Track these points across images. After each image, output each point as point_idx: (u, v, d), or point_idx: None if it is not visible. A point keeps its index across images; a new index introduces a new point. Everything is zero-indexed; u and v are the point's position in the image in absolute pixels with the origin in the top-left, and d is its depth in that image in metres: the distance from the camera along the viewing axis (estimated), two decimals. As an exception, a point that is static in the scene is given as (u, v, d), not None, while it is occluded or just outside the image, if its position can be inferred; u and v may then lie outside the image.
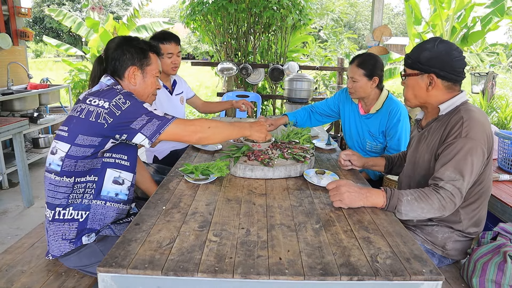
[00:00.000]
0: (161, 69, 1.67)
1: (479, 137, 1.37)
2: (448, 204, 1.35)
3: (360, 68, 2.17)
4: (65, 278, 1.42)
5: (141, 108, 1.39)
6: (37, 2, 29.09)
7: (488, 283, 1.32)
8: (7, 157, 3.92)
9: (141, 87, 1.58)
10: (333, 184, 1.45)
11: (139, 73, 1.56)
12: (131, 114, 1.36)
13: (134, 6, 7.25)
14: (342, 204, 1.40)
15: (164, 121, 1.39)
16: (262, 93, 5.64)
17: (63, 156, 1.37)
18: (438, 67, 1.44)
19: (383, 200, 1.39)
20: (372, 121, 2.29)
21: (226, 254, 1.07)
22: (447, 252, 1.53)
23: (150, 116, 1.38)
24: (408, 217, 1.38)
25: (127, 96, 1.39)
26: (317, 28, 10.71)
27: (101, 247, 1.44)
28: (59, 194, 1.40)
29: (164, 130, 1.39)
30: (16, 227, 2.96)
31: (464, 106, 1.46)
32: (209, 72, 11.59)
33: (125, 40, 1.58)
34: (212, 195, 1.51)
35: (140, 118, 1.36)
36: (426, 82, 1.48)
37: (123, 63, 1.54)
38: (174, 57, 2.47)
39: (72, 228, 1.42)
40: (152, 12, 41.90)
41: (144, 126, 1.37)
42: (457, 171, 1.35)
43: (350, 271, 1.00)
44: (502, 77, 11.96)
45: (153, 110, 1.41)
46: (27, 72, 4.72)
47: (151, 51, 1.61)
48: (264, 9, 5.06)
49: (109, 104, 1.35)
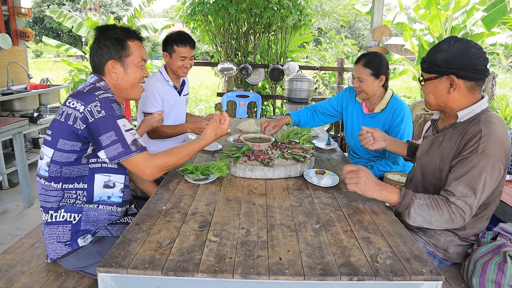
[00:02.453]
0: (146, 56, 1.55)
1: (496, 153, 1.31)
2: (457, 219, 1.33)
3: (366, 67, 2.16)
4: (65, 278, 1.42)
5: (113, 124, 1.31)
6: (37, 2, 29.09)
7: (488, 283, 1.32)
8: (7, 157, 3.92)
9: (124, 80, 1.49)
10: (351, 167, 1.42)
11: (119, 66, 1.46)
12: (102, 127, 1.29)
13: (135, 7, 7.25)
14: (357, 188, 1.38)
15: (127, 151, 1.32)
16: (262, 93, 5.65)
17: (48, 162, 1.36)
18: (457, 67, 1.36)
19: (396, 197, 1.37)
20: (376, 120, 2.29)
21: (226, 254, 1.07)
22: (449, 255, 1.52)
23: (118, 136, 1.31)
24: (415, 222, 1.36)
25: (104, 105, 1.31)
26: (316, 29, 10.74)
27: (98, 248, 1.43)
28: (51, 198, 1.40)
29: (124, 160, 1.34)
30: (16, 227, 2.95)
31: (485, 115, 1.39)
32: (209, 72, 11.60)
33: (100, 31, 1.46)
34: (212, 195, 1.51)
35: (108, 134, 1.30)
36: (446, 85, 1.40)
37: (100, 57, 1.44)
38: (186, 60, 2.42)
39: (65, 231, 1.41)
40: (152, 12, 41.91)
41: (108, 146, 1.31)
42: (469, 187, 1.31)
43: (350, 271, 1.00)
44: (502, 77, 11.96)
45: (124, 130, 1.33)
46: (27, 72, 4.72)
47: (129, 39, 1.47)
48: (265, 9, 5.06)
49: (84, 109, 1.30)
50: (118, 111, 1.34)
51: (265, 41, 5.63)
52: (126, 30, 1.48)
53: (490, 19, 5.54)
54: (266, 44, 5.64)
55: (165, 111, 2.43)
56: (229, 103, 5.05)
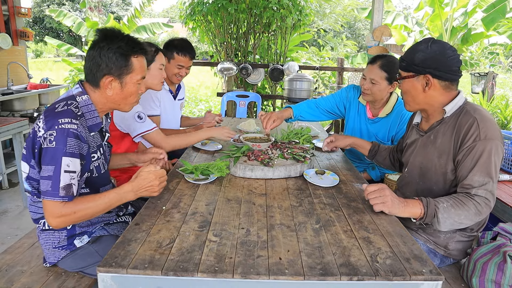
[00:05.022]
0: (146, 73, 1.44)
1: (496, 135, 1.37)
2: (484, 209, 1.34)
3: (383, 70, 2.04)
4: (65, 278, 1.42)
5: (58, 160, 1.19)
6: (37, 2, 29.09)
7: (488, 283, 1.32)
8: (7, 157, 3.92)
9: (119, 97, 1.38)
10: (374, 187, 1.37)
11: (117, 83, 1.35)
12: (46, 157, 1.21)
13: (135, 6, 7.25)
14: (384, 207, 1.33)
15: (53, 193, 1.19)
16: (262, 93, 5.65)
17: (25, 177, 1.34)
18: (433, 67, 1.42)
19: (420, 208, 1.36)
20: (381, 125, 2.21)
21: (226, 254, 1.07)
22: (449, 252, 1.53)
23: (54, 174, 1.19)
24: (445, 226, 1.35)
25: (58, 137, 1.20)
26: (316, 30, 10.75)
27: (96, 248, 1.43)
28: (39, 209, 1.38)
29: (43, 199, 1.21)
30: (16, 227, 2.95)
31: (469, 105, 1.45)
32: (209, 72, 11.60)
33: (105, 37, 1.32)
34: (212, 195, 1.51)
35: (48, 168, 1.20)
36: (422, 83, 1.47)
37: (98, 69, 1.31)
38: (183, 69, 2.42)
39: (61, 236, 1.40)
40: (152, 12, 41.87)
41: (43, 178, 1.21)
42: (484, 174, 1.34)
43: (350, 271, 1.00)
44: (502, 77, 11.96)
45: (63, 171, 1.20)
46: (27, 72, 4.72)
47: (133, 55, 1.35)
48: (264, 9, 5.06)
49: (43, 133, 1.22)
50: (71, 148, 1.22)
51: (265, 41, 5.63)
52: (132, 43, 1.34)
53: (489, 19, 5.55)
54: (265, 44, 5.64)
55: (161, 114, 2.43)
56: (229, 103, 5.05)
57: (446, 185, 1.49)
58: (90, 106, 1.36)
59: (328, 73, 7.02)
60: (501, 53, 11.40)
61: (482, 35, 6.14)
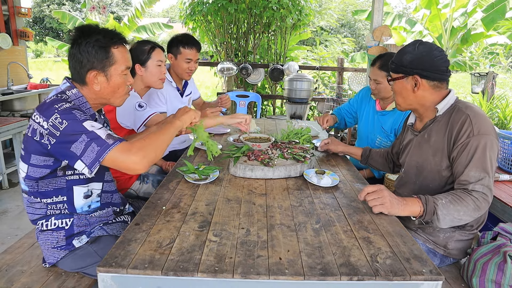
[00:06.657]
0: (130, 63, 1.42)
1: (490, 130, 1.38)
2: (482, 204, 1.35)
3: (382, 70, 2.16)
4: (65, 278, 1.42)
5: (80, 126, 1.20)
6: (37, 2, 29.08)
7: (488, 283, 1.32)
8: (7, 157, 3.92)
9: (107, 90, 1.38)
10: (372, 188, 1.37)
11: (102, 76, 1.34)
12: (70, 135, 1.19)
13: (136, 7, 7.24)
14: (384, 209, 1.34)
15: (104, 146, 1.19)
16: (262, 93, 5.65)
17: (24, 177, 1.33)
18: (421, 67, 1.45)
19: (419, 206, 1.36)
20: (387, 118, 2.31)
21: (226, 254, 1.07)
22: (449, 251, 1.53)
23: (90, 137, 1.19)
24: (445, 223, 1.35)
25: (65, 115, 1.21)
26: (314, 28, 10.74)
27: (95, 248, 1.42)
28: (37, 211, 1.38)
29: (103, 158, 1.19)
30: (16, 227, 2.95)
31: (460, 103, 1.48)
32: (209, 72, 11.60)
33: (82, 33, 1.31)
34: (212, 195, 1.51)
35: (80, 140, 1.19)
36: (411, 84, 1.50)
37: (81, 66, 1.32)
38: (192, 63, 2.42)
39: (60, 236, 1.40)
40: (152, 12, 41.89)
41: (84, 152, 1.19)
42: (480, 169, 1.36)
43: (350, 271, 1.00)
44: (502, 77, 11.95)
45: (96, 129, 1.21)
46: (27, 72, 4.72)
47: (113, 46, 1.34)
48: (264, 9, 5.07)
49: (47, 124, 1.20)
50: (82, 116, 1.23)
51: (265, 41, 5.63)
52: (110, 35, 1.34)
53: (489, 19, 5.55)
54: (265, 44, 5.64)
55: (168, 111, 2.43)
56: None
57: (442, 182, 1.51)
58: (81, 99, 1.36)
59: (328, 73, 7.02)
60: (501, 53, 11.40)
61: (482, 35, 6.14)
